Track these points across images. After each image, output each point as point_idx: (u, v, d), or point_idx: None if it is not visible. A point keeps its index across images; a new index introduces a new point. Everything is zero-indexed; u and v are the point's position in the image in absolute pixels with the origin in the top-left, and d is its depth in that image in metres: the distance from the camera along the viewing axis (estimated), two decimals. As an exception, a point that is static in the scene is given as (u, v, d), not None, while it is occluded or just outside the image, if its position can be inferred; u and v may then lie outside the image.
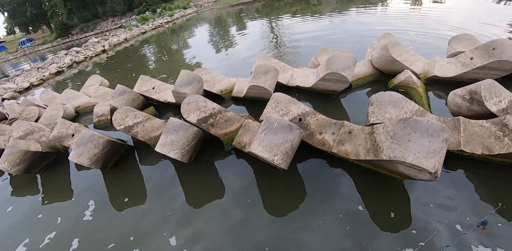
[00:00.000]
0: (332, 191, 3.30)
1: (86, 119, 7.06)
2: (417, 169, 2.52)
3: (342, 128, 3.57)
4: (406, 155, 2.46)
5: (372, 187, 3.24)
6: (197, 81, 5.08)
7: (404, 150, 2.49)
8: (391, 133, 2.73)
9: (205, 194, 3.67)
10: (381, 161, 2.82)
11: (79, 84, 11.74)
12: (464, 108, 3.64)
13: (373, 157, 2.90)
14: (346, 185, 3.35)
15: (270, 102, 3.96)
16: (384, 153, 2.69)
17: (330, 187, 3.36)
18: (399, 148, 2.54)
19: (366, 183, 3.31)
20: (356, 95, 5.20)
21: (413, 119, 2.57)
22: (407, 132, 2.55)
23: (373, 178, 3.32)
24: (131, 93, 5.87)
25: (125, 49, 18.86)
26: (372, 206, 3.01)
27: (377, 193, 3.15)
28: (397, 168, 2.79)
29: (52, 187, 4.67)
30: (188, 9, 38.48)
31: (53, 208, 4.15)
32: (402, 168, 2.73)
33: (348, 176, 3.45)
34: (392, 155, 2.57)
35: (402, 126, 2.63)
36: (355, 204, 3.07)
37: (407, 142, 2.52)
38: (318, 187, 3.39)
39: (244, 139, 3.97)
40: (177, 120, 3.84)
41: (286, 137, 3.02)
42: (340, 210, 3.04)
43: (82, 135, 4.14)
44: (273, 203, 3.32)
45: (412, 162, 2.41)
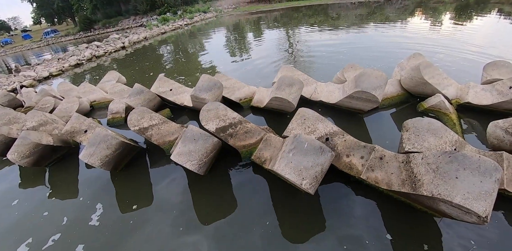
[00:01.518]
0: (357, 219, 2.98)
1: (100, 115, 6.84)
2: (464, 211, 2.22)
3: (373, 153, 3.23)
4: (453, 194, 2.18)
5: (402, 219, 2.91)
6: (217, 87, 4.81)
7: (451, 188, 2.21)
8: (433, 166, 2.44)
9: (219, 209, 3.35)
10: (419, 195, 2.52)
11: (97, 78, 11.60)
12: (507, 143, 3.31)
13: (410, 190, 2.59)
14: (373, 214, 3.01)
15: (296, 118, 3.66)
16: (424, 187, 2.41)
17: (355, 214, 3.04)
18: (445, 184, 2.26)
19: (396, 214, 2.98)
20: (381, 116, 4.86)
21: (461, 155, 2.28)
22: (454, 167, 2.27)
23: (404, 210, 2.99)
24: (148, 94, 5.61)
25: (144, 48, 18.85)
26: (402, 237, 2.73)
27: (407, 226, 2.84)
28: (438, 205, 2.50)
29: (60, 183, 4.41)
30: (208, 13, 38.81)
31: (59, 206, 3.88)
32: (444, 207, 2.43)
33: (376, 205, 3.11)
34: (435, 191, 2.30)
35: (447, 160, 2.34)
36: (382, 233, 2.78)
37: (454, 179, 2.24)
38: (341, 213, 3.06)
39: (265, 154, 3.66)
40: (197, 129, 3.55)
41: (316, 159, 2.70)
42: (366, 238, 2.74)
43: (95, 133, 3.87)
44: (294, 227, 2.99)
45: (460, 202, 2.13)
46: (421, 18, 16.58)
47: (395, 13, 19.49)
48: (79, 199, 3.92)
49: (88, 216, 3.57)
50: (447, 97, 4.79)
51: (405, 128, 3.27)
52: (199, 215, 3.32)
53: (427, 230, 2.78)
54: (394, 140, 4.04)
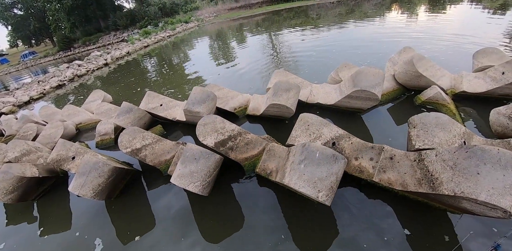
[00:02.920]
0: (373, 222, 2.85)
1: (87, 137, 6.49)
2: (490, 207, 2.10)
3: (383, 153, 3.08)
4: (477, 191, 2.06)
5: (420, 217, 2.81)
6: (211, 99, 4.60)
7: (474, 185, 2.09)
8: (450, 163, 2.31)
9: (227, 228, 3.14)
10: (440, 195, 2.39)
11: (81, 98, 11.19)
12: (511, 129, 3.26)
13: (429, 190, 2.45)
14: (390, 215, 2.88)
15: (299, 124, 3.49)
16: (445, 186, 2.28)
17: (370, 218, 2.90)
18: (466, 181, 2.14)
19: (413, 213, 2.86)
20: (379, 113, 4.77)
21: (479, 149, 2.17)
22: (474, 162, 2.15)
23: (421, 209, 2.89)
24: (138, 111, 5.34)
25: (127, 63, 18.47)
26: (421, 232, 2.65)
27: (425, 222, 2.75)
28: (459, 203, 2.37)
29: (51, 218, 4.04)
30: (190, 23, 38.67)
31: (54, 246, 3.52)
32: (467, 204, 2.30)
33: (391, 207, 2.98)
34: (457, 189, 2.17)
35: (465, 155, 2.22)
36: (400, 230, 2.71)
37: (475, 175, 2.12)
38: (356, 218, 2.93)
39: (270, 165, 3.46)
40: (196, 147, 3.33)
41: (330, 169, 2.52)
42: (385, 236, 2.67)
43: (85, 161, 3.57)
44: (309, 237, 2.82)
45: (486, 200, 2.02)
46: (399, 12, 16.89)
47: (373, 9, 19.83)
48: (75, 235, 3.58)
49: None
50: (442, 88, 4.75)
51: (411, 124, 3.15)
52: (207, 237, 3.09)
53: (447, 225, 2.69)
54: (397, 137, 3.96)
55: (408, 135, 3.16)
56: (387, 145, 3.08)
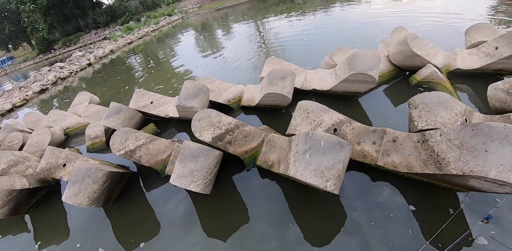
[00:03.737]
0: (379, 203, 2.89)
1: (77, 142, 6.25)
2: (499, 184, 2.10)
3: (385, 136, 3.03)
4: (486, 169, 2.04)
5: (425, 197, 2.84)
6: (204, 92, 4.42)
7: (483, 163, 2.07)
8: (456, 142, 2.29)
9: (233, 223, 3.09)
10: (447, 175, 2.37)
11: (67, 101, 10.80)
12: (509, 104, 3.24)
13: (436, 171, 2.43)
14: (394, 197, 2.91)
15: (298, 113, 3.38)
16: (452, 166, 2.26)
17: (376, 200, 2.93)
18: (475, 160, 2.12)
19: (418, 194, 2.88)
20: (375, 95, 4.71)
21: (486, 126, 2.13)
22: (481, 140, 2.12)
23: (427, 189, 2.90)
24: (127, 111, 5.13)
25: (112, 61, 17.87)
26: (426, 208, 2.72)
27: (431, 200, 2.78)
28: (467, 181, 2.36)
29: (48, 230, 3.88)
30: (173, 16, 37.37)
31: None
32: (474, 182, 2.30)
33: (396, 188, 2.99)
34: (465, 168, 2.15)
35: (472, 133, 2.19)
36: (405, 206, 2.78)
37: (483, 153, 2.10)
38: (362, 201, 2.96)
39: (271, 156, 3.37)
40: (194, 144, 3.20)
41: (337, 156, 2.43)
42: (391, 212, 2.76)
43: (76, 168, 3.40)
44: (317, 223, 2.85)
45: (496, 177, 2.00)
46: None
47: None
48: (75, 247, 3.43)
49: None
50: (437, 66, 4.68)
51: (412, 105, 3.08)
52: (214, 234, 3.04)
53: (452, 199, 2.74)
54: (396, 118, 3.92)
55: (409, 116, 3.11)
56: (389, 128, 3.03)
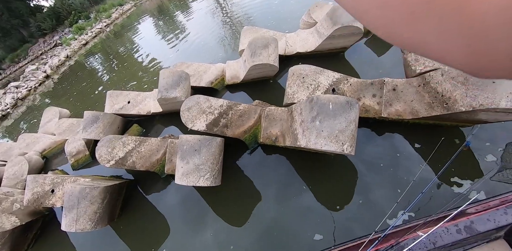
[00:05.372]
0: (387, 148, 3.08)
1: (59, 162, 6.05)
2: (509, 112, 2.21)
3: (385, 86, 3.05)
4: (496, 100, 2.13)
5: (431, 135, 2.98)
6: (184, 79, 4.21)
7: (492, 95, 2.15)
8: (460, 78, 2.38)
9: (248, 207, 3.19)
10: (455, 113, 2.45)
11: (35, 122, 10.39)
12: None
13: (444, 111, 2.51)
14: (401, 141, 3.10)
15: (292, 79, 3.29)
16: (460, 103, 2.36)
17: (384, 148, 3.12)
18: (483, 93, 2.20)
19: (423, 134, 3.04)
20: (359, 47, 4.63)
21: None
22: None
23: (432, 128, 3.04)
24: (105, 117, 4.89)
25: (71, 68, 17.09)
26: (429, 144, 2.86)
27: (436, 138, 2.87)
28: (475, 116, 2.49)
29: None
30: (125, 4, 35.31)
31: None
32: (483, 116, 2.42)
33: (401, 135, 3.16)
34: (475, 103, 2.22)
35: None
36: (412, 148, 2.99)
37: (491, 85, 2.18)
38: (370, 153, 3.12)
39: (273, 131, 3.31)
40: (191, 137, 3.08)
41: (348, 117, 2.36)
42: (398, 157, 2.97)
43: (68, 193, 3.27)
44: (329, 180, 3.07)
45: (507, 106, 2.08)
46: None
47: None
48: None
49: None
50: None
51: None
52: (231, 221, 3.13)
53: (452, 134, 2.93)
54: (386, 66, 3.96)
55: (404, 61, 3.11)
56: (386, 77, 3.06)
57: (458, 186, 2.61)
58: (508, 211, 1.67)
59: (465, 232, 1.65)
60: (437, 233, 1.68)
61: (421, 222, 1.84)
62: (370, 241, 1.80)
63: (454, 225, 1.69)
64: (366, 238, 1.91)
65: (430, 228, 1.62)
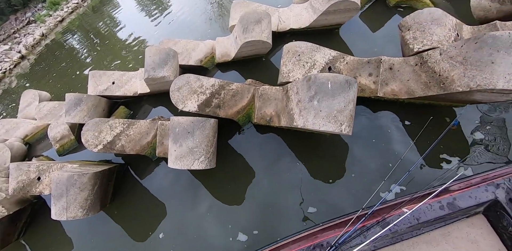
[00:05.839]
0: (378, 125, 3.17)
1: (43, 148, 5.84)
2: (505, 93, 2.22)
3: (381, 65, 3.01)
4: (494, 81, 2.13)
5: (422, 114, 3.03)
6: (172, 57, 4.01)
7: (490, 75, 2.15)
8: (459, 58, 2.35)
9: (242, 185, 3.26)
10: (451, 93, 2.46)
11: (13, 106, 9.93)
12: (494, 11, 3.36)
13: (440, 91, 2.52)
14: (393, 120, 3.18)
15: (287, 57, 3.18)
16: (457, 83, 2.35)
17: (377, 127, 3.19)
18: (481, 73, 2.20)
19: (415, 113, 3.10)
20: (354, 23, 4.46)
21: (490, 36, 2.15)
22: (486, 52, 2.16)
23: (425, 108, 3.09)
24: (89, 100, 4.68)
25: (48, 47, 16.15)
26: (419, 122, 2.97)
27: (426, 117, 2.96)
28: (471, 96, 2.50)
29: (51, 248, 3.79)
30: (100, -22, 32.95)
31: None
32: (479, 96, 2.44)
33: (395, 115, 3.21)
34: (472, 84, 2.20)
35: (475, 47, 2.23)
36: (401, 125, 3.10)
37: (490, 65, 2.16)
38: (363, 133, 3.18)
39: (267, 111, 3.26)
40: (184, 119, 2.97)
41: (347, 97, 2.32)
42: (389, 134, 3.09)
43: (56, 181, 3.15)
44: (325, 164, 3.12)
45: (504, 86, 2.09)
46: None
47: None
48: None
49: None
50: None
51: (404, 27, 3.01)
52: (227, 200, 3.20)
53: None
54: (382, 44, 3.88)
55: (401, 40, 3.07)
56: (383, 56, 3.01)
57: (447, 162, 2.74)
58: (488, 188, 1.79)
59: (447, 208, 1.77)
60: (421, 209, 1.79)
61: (407, 199, 1.95)
62: (358, 217, 1.91)
63: (438, 201, 1.80)
64: (354, 214, 2.02)
65: (415, 205, 1.77)
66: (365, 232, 1.78)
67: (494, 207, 1.79)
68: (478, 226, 1.85)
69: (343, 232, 1.79)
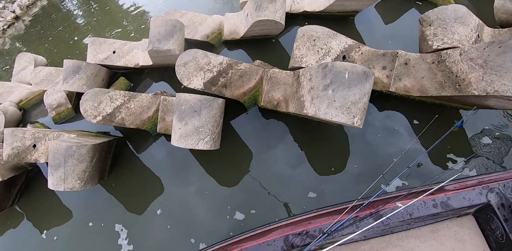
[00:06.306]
0: (385, 122, 3.17)
1: (39, 114, 5.70)
2: None
3: (397, 60, 2.92)
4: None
5: (431, 113, 2.97)
6: (179, 29, 3.82)
7: (509, 82, 2.11)
8: (479, 61, 2.26)
9: (244, 168, 3.28)
10: (465, 96, 2.43)
11: (8, 69, 9.58)
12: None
13: (454, 93, 2.48)
14: (401, 117, 3.16)
15: (302, 41, 3.04)
16: (474, 86, 2.32)
17: (384, 122, 3.17)
18: (500, 79, 2.17)
19: (424, 112, 3.08)
20: (368, 12, 4.30)
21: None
22: (510, 58, 2.11)
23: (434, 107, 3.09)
24: (88, 68, 4.50)
25: (44, 9, 15.29)
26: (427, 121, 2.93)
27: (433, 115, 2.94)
28: (485, 101, 2.47)
29: (47, 217, 3.84)
30: None
31: (72, 245, 3.45)
32: (493, 101, 2.40)
33: (403, 113, 3.20)
34: (490, 89, 2.16)
35: (498, 51, 2.16)
36: (409, 124, 3.10)
37: (511, 71, 2.11)
38: (370, 125, 3.18)
39: (275, 95, 3.17)
40: (192, 96, 2.88)
41: (363, 89, 2.27)
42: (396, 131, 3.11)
43: (53, 151, 3.08)
44: (328, 149, 3.16)
45: None
46: None
47: None
48: (88, 226, 3.43)
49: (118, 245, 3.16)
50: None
51: (426, 22, 2.89)
52: (227, 181, 3.23)
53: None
54: (398, 37, 3.77)
55: (421, 35, 2.96)
56: (400, 50, 2.93)
57: (450, 162, 2.81)
58: (482, 192, 1.85)
59: (440, 207, 1.83)
60: (415, 205, 1.85)
61: (403, 194, 2.01)
62: (353, 208, 1.96)
63: (432, 199, 1.86)
64: (349, 203, 2.06)
65: (410, 200, 1.82)
66: (358, 222, 1.84)
67: (485, 210, 1.87)
68: (467, 226, 1.93)
69: (336, 220, 1.85)
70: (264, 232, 2.05)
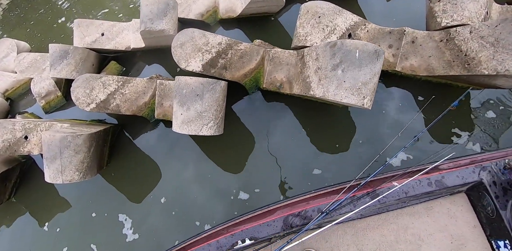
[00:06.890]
0: (390, 101, 3.12)
1: (27, 104, 5.44)
2: None
3: (404, 38, 2.80)
4: None
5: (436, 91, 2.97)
6: (172, 7, 3.59)
7: None
8: (491, 39, 2.16)
9: (246, 152, 3.24)
10: (474, 75, 2.37)
11: (-12, 56, 9.05)
12: None
13: (463, 72, 2.40)
14: (406, 95, 3.10)
15: (306, 18, 2.86)
16: (484, 66, 2.19)
17: (388, 101, 3.11)
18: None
19: (430, 89, 3.01)
20: None
21: None
22: None
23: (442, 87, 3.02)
24: (76, 52, 4.24)
25: (21, -9, 14.34)
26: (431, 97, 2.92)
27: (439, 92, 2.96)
28: (493, 80, 2.41)
29: (47, 208, 3.79)
30: None
31: (77, 235, 3.43)
32: (501, 81, 2.35)
33: (409, 92, 3.13)
34: (500, 68, 2.09)
35: (511, 29, 2.02)
36: (414, 101, 3.06)
37: None
38: (377, 105, 3.09)
39: (278, 76, 3.06)
40: (193, 80, 2.73)
41: (374, 68, 2.17)
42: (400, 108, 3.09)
43: (47, 142, 2.94)
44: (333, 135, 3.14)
45: None
46: None
47: None
48: (91, 216, 3.38)
49: (121, 234, 3.14)
50: None
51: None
52: (228, 167, 3.21)
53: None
54: (402, 13, 3.59)
55: (429, 11, 2.82)
56: (407, 27, 2.81)
57: (457, 136, 2.85)
58: (475, 170, 1.93)
59: (434, 185, 1.91)
60: (410, 184, 1.92)
61: (399, 173, 2.07)
62: (350, 187, 2.01)
63: (427, 178, 1.94)
64: (347, 183, 2.12)
65: (405, 179, 1.90)
66: (355, 201, 1.93)
67: (478, 188, 1.96)
68: (459, 203, 2.04)
69: (334, 200, 1.92)
70: (264, 213, 2.11)
